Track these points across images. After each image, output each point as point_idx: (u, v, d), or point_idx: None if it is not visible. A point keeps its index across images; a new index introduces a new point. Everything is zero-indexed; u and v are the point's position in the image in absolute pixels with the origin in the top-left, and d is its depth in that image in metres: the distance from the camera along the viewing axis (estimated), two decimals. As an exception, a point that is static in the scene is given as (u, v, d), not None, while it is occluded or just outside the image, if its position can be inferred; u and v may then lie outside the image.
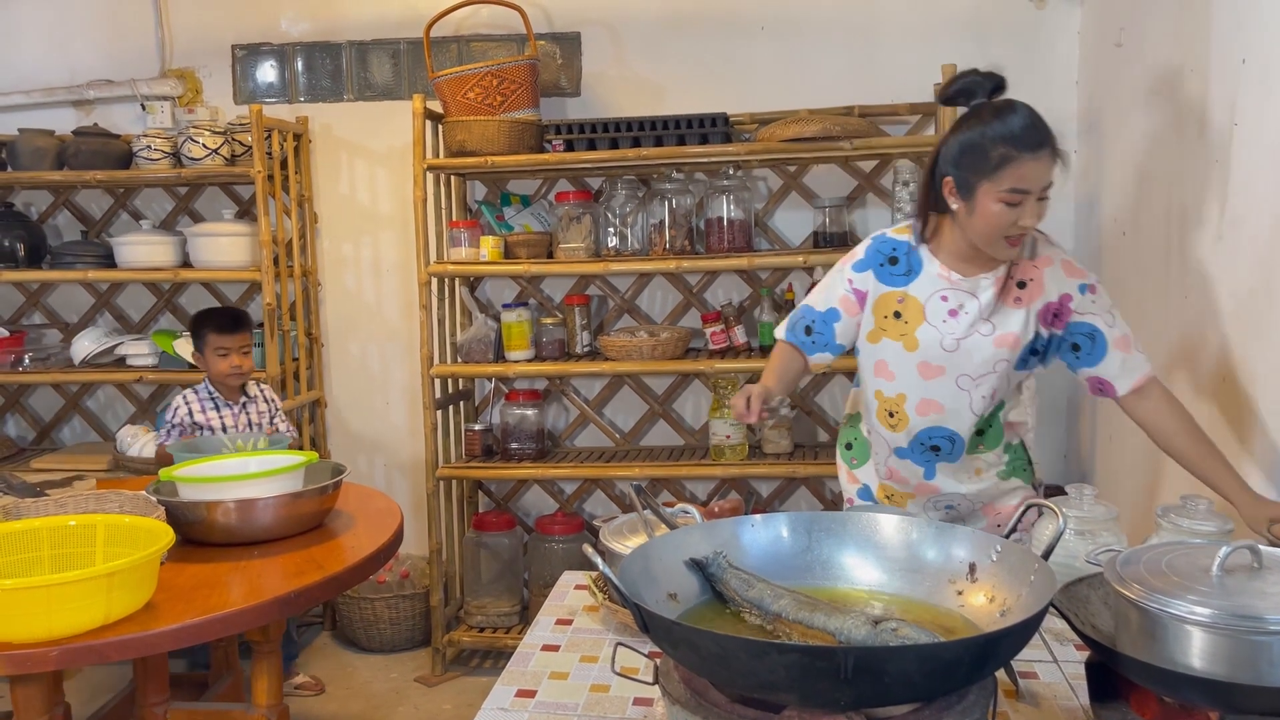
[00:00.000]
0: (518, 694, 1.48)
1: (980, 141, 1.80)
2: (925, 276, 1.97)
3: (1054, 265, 1.96)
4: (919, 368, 1.98)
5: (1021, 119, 1.78)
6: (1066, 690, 1.42)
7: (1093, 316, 1.95)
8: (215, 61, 3.79)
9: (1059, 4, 3.34)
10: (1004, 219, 1.81)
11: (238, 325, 3.10)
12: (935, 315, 1.96)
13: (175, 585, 1.95)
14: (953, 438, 2.02)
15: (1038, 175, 1.78)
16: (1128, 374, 1.95)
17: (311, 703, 3.28)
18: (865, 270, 2.02)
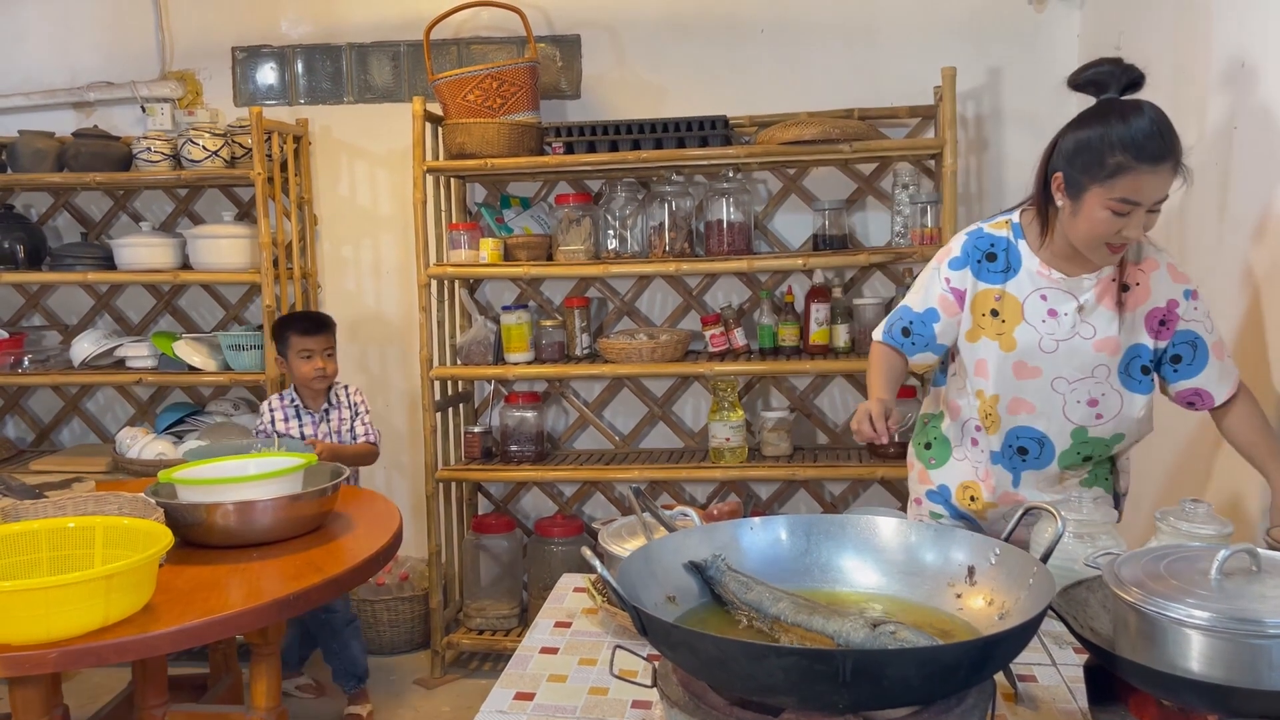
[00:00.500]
0: (516, 696, 1.48)
1: (1099, 143, 1.70)
2: (1025, 274, 1.89)
3: (1160, 269, 1.87)
4: (1014, 368, 1.90)
5: (1147, 126, 1.68)
6: (1065, 693, 1.42)
7: (1195, 324, 1.87)
8: (215, 63, 3.80)
9: (1058, 7, 3.34)
10: (1109, 227, 1.73)
11: (321, 327, 3.10)
12: (1034, 315, 1.88)
13: (174, 587, 1.95)
14: (1042, 440, 1.93)
15: (1153, 188, 1.69)
16: (1224, 382, 1.89)
17: (310, 705, 3.28)
18: (962, 268, 1.93)
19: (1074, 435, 1.93)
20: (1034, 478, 1.97)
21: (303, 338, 3.06)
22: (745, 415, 3.42)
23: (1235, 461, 2.07)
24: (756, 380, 3.61)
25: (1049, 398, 1.90)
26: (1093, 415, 1.91)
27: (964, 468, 2.04)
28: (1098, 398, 1.90)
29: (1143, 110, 1.70)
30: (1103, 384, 1.89)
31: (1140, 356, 1.88)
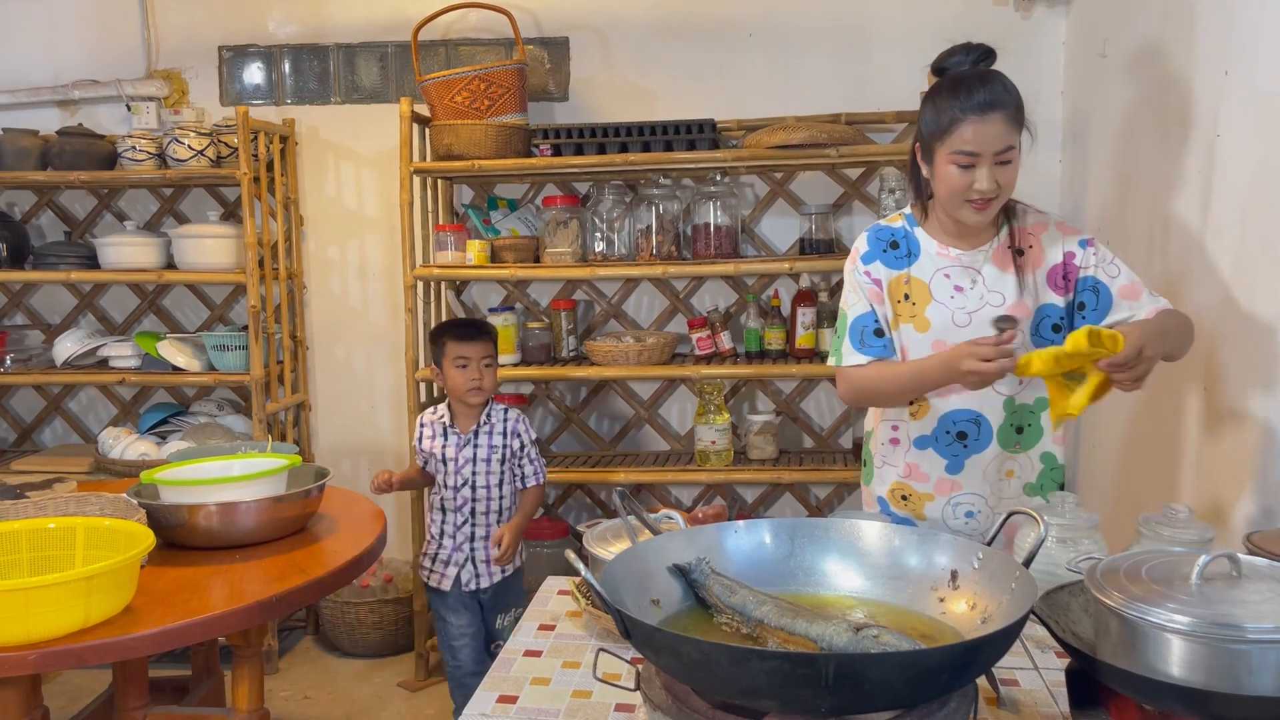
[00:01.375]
0: (499, 700, 1.48)
1: (935, 104, 1.83)
2: (925, 256, 1.95)
3: (1049, 228, 1.94)
4: (933, 347, 1.92)
5: (975, 80, 1.80)
6: (1047, 697, 1.43)
7: (1094, 269, 1.91)
8: (201, 62, 3.78)
9: (1045, 14, 3.36)
10: (960, 181, 1.81)
11: (480, 333, 2.84)
12: (941, 293, 1.93)
13: (155, 589, 1.93)
14: (978, 420, 1.94)
15: (986, 137, 1.78)
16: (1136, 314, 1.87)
17: (294, 707, 3.26)
18: (873, 260, 1.98)
19: (1005, 406, 1.94)
20: (979, 463, 1.96)
21: (459, 344, 2.78)
22: (731, 418, 3.42)
23: (1217, 465, 2.09)
24: (743, 383, 3.61)
25: None
26: (1016, 381, 1.92)
27: (886, 472, 2.05)
28: None
29: (977, 73, 1.84)
30: (1020, 349, 1.83)
31: (1050, 316, 1.92)
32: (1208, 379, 2.15)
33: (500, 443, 2.82)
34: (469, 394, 2.77)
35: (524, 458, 2.85)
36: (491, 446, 2.81)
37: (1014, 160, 1.82)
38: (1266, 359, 1.90)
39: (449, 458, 2.80)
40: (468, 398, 2.78)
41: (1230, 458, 2.04)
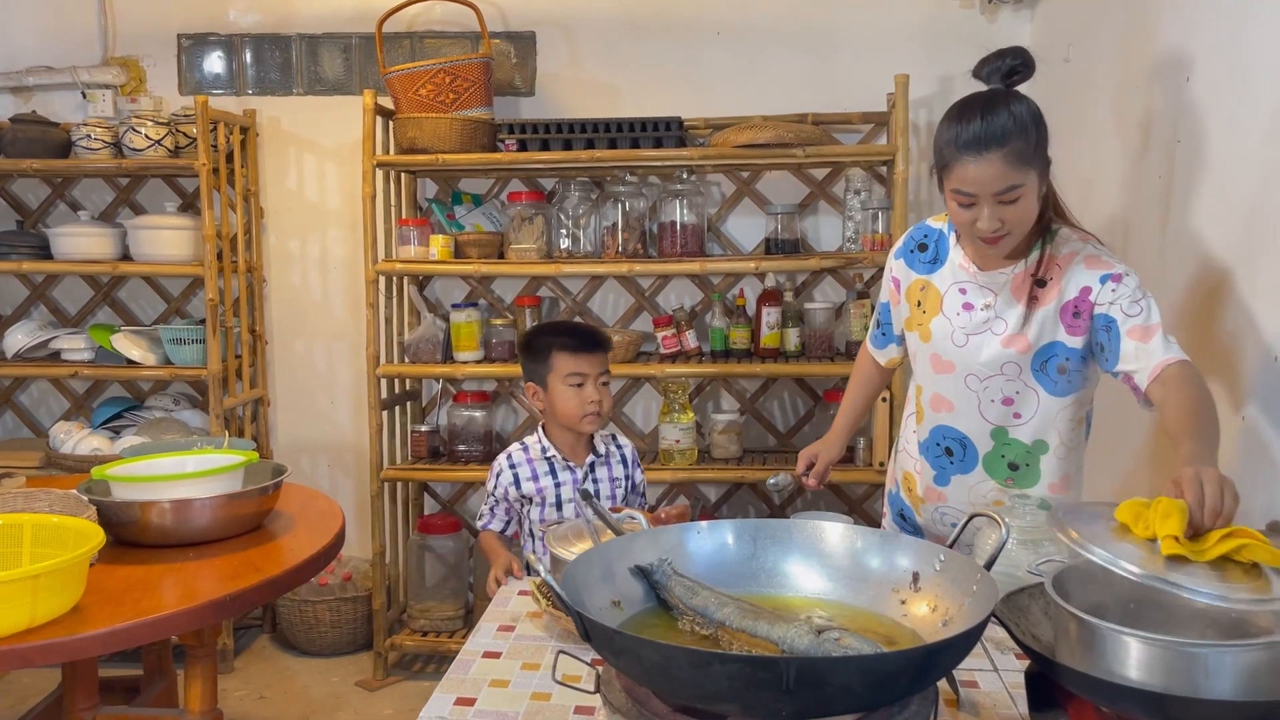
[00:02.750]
0: (457, 702, 1.46)
1: (940, 137, 1.76)
2: (948, 266, 1.90)
3: (1076, 260, 1.79)
4: (931, 359, 1.92)
5: (975, 116, 1.68)
6: (1006, 699, 1.43)
7: (1110, 306, 1.74)
8: (160, 50, 3.71)
9: (1010, 18, 3.38)
10: (962, 218, 1.74)
11: (598, 344, 2.30)
12: (950, 307, 1.89)
13: (105, 588, 1.89)
14: (964, 442, 1.92)
15: (982, 179, 1.67)
16: (1145, 360, 1.69)
17: (249, 707, 3.21)
18: (900, 257, 1.98)
19: (994, 436, 1.90)
20: (963, 483, 1.95)
21: (574, 356, 2.24)
22: (695, 417, 3.42)
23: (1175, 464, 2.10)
24: (707, 382, 3.61)
25: (964, 394, 1.89)
26: (1010, 415, 1.87)
27: (904, 458, 2.09)
28: (1012, 396, 1.86)
29: (981, 104, 1.70)
30: (1015, 382, 1.84)
31: (1057, 355, 1.82)
32: (1166, 382, 2.17)
33: (622, 474, 2.33)
34: (585, 421, 2.24)
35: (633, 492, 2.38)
36: (613, 480, 2.31)
37: (1023, 197, 1.69)
38: (1223, 363, 1.92)
39: (565, 499, 2.27)
40: (582, 425, 2.25)
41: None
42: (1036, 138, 1.71)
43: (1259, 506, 1.75)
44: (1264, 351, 1.77)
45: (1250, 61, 1.86)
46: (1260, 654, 1.09)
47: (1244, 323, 1.85)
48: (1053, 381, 1.84)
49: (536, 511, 2.29)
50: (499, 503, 2.32)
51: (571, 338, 2.29)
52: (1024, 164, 1.68)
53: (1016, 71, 1.76)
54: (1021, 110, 1.70)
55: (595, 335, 2.34)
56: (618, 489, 2.32)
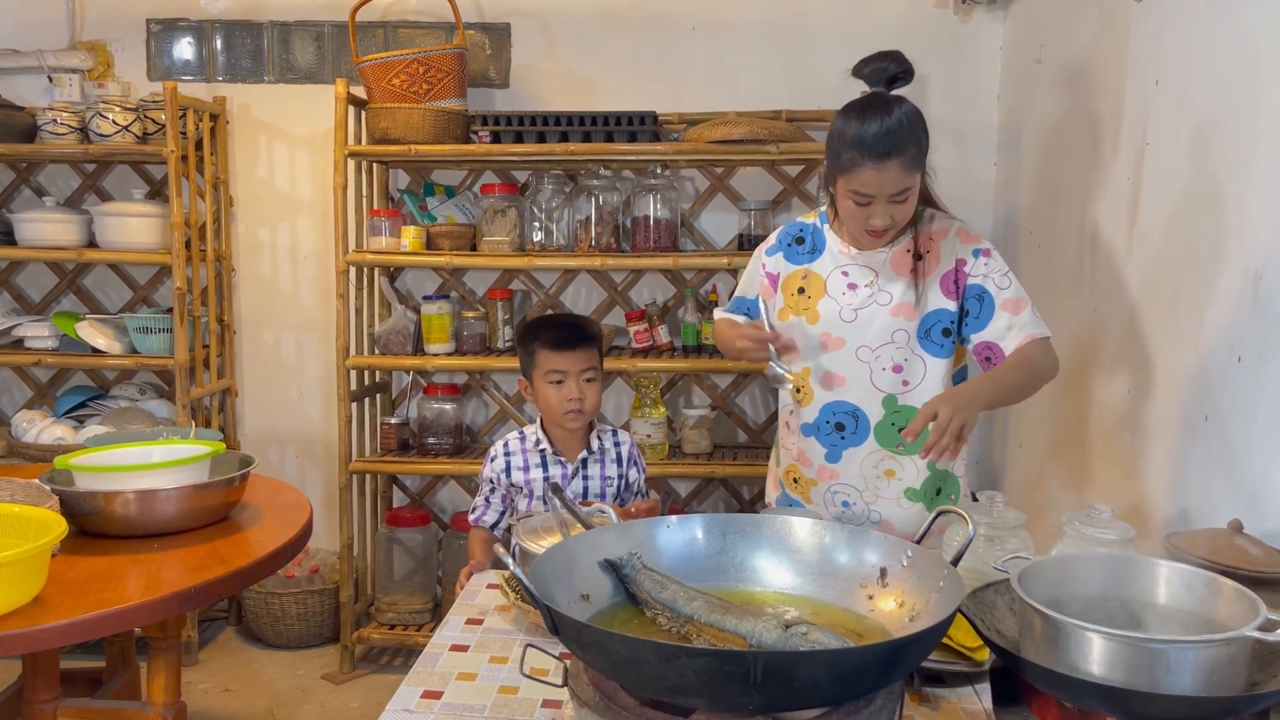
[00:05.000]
0: (423, 695, 1.45)
1: (839, 138, 1.86)
2: (828, 253, 2.05)
3: (949, 235, 2.00)
4: (821, 339, 2.02)
5: (878, 125, 1.81)
6: (971, 694, 1.45)
7: (983, 279, 1.96)
8: (129, 35, 3.65)
9: (984, 19, 3.41)
10: (856, 215, 1.90)
11: (580, 339, 2.25)
12: (835, 289, 2.02)
13: (68, 578, 1.86)
14: (856, 414, 2.02)
15: (882, 184, 1.83)
16: (1016, 334, 1.92)
17: (213, 700, 3.18)
18: (775, 254, 2.11)
19: (885, 404, 2.01)
20: (855, 456, 2.03)
21: (554, 353, 2.21)
22: (667, 412, 3.42)
23: (1139, 467, 2.13)
24: (679, 377, 3.61)
25: (855, 367, 2.00)
26: (899, 382, 1.99)
27: (783, 454, 2.17)
28: (901, 364, 1.98)
29: (879, 108, 1.83)
30: (904, 349, 1.98)
31: (940, 320, 1.98)
32: (1132, 381, 2.20)
33: (615, 473, 2.30)
34: (567, 417, 2.22)
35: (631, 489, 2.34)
36: (605, 478, 2.29)
37: (910, 196, 1.88)
38: (1187, 364, 1.94)
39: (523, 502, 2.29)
40: (566, 421, 2.23)
41: (1152, 460, 2.09)
42: (925, 143, 1.87)
43: (1222, 505, 1.78)
44: (1227, 352, 1.79)
45: (1218, 65, 1.88)
46: (1220, 650, 1.10)
47: (1209, 324, 1.87)
48: (938, 346, 1.98)
49: (524, 503, 2.28)
50: (495, 489, 2.29)
51: (554, 333, 2.25)
52: (915, 168, 1.86)
53: (899, 78, 1.89)
54: (914, 120, 1.85)
55: (580, 331, 2.28)
56: (608, 487, 2.28)
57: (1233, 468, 1.77)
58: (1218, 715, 1.09)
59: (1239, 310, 1.77)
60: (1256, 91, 1.74)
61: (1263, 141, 1.72)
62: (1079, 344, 2.50)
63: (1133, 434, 2.18)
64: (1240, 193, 1.78)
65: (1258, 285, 1.71)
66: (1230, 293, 1.80)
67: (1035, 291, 2.87)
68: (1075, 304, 2.55)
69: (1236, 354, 1.77)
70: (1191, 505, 1.91)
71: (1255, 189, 1.74)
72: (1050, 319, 2.72)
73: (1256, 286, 1.71)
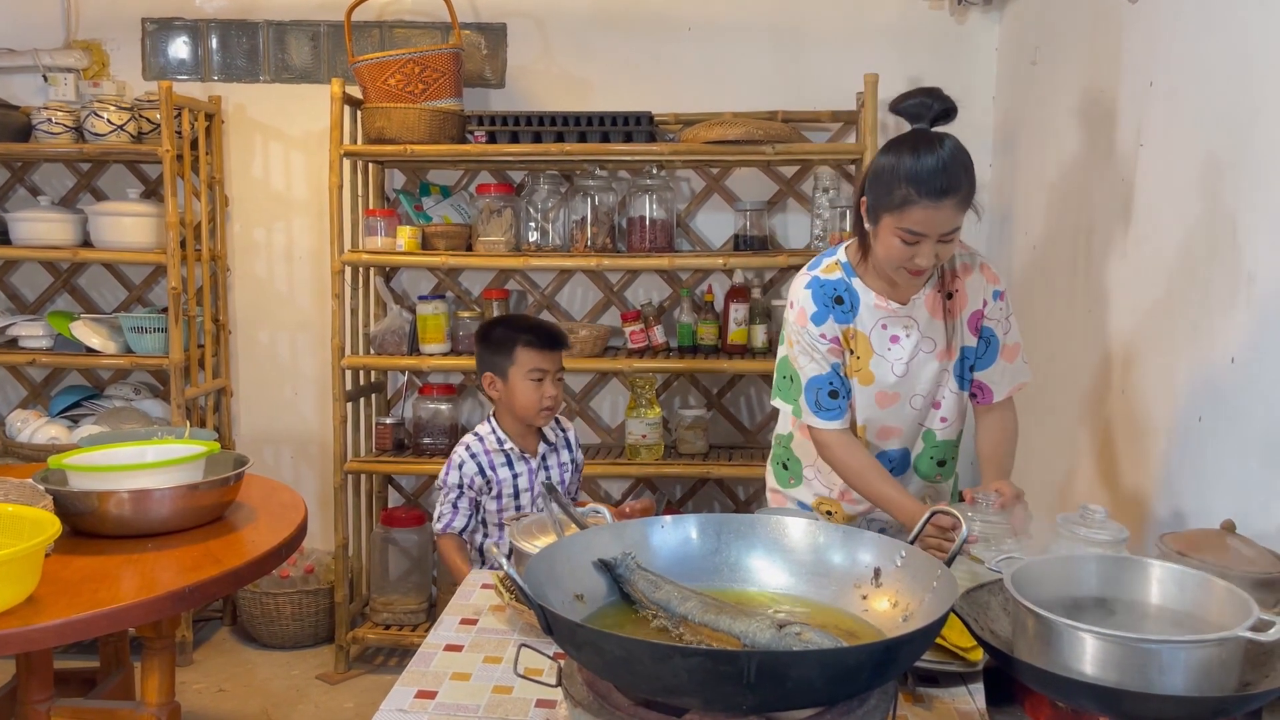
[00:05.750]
0: (417, 695, 1.45)
1: (890, 174, 1.79)
2: (864, 308, 1.98)
3: (974, 272, 1.99)
4: (876, 398, 2.00)
5: (934, 162, 1.75)
6: (965, 694, 1.45)
7: (994, 322, 2.01)
8: (124, 34, 3.65)
9: (979, 19, 3.41)
10: (901, 253, 1.82)
11: (559, 342, 2.39)
12: (880, 345, 1.98)
13: (61, 578, 1.86)
14: (904, 455, 2.06)
15: (936, 223, 1.78)
16: (1006, 382, 2.03)
17: (208, 700, 3.18)
18: (826, 319, 1.97)
19: (925, 439, 2.06)
20: None
21: (539, 354, 2.32)
22: (662, 412, 3.42)
23: (1133, 467, 2.14)
24: (674, 378, 3.61)
25: (909, 415, 2.02)
26: (938, 419, 2.04)
27: (817, 485, 2.12)
28: (940, 401, 2.03)
29: (936, 145, 1.77)
30: (943, 388, 2.02)
31: (968, 357, 2.02)
32: (1125, 382, 2.20)
33: (568, 458, 2.45)
34: (541, 414, 2.32)
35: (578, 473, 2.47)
36: (562, 465, 2.43)
37: (956, 235, 1.83)
38: (1181, 365, 1.95)
39: (523, 489, 2.36)
40: (538, 418, 2.33)
41: (1145, 460, 2.09)
42: (975, 181, 1.82)
43: (1215, 506, 1.78)
44: (1221, 353, 1.80)
45: (1212, 66, 1.89)
46: (1213, 650, 1.11)
47: (1202, 325, 1.88)
48: (960, 379, 2.03)
49: (494, 503, 2.36)
50: (461, 495, 2.35)
51: (536, 335, 2.36)
52: (966, 207, 1.81)
53: (942, 116, 1.83)
54: (966, 157, 1.81)
55: (558, 333, 2.42)
56: (566, 473, 2.43)
57: (1225, 468, 1.78)
58: (1210, 715, 1.10)
59: (1232, 312, 1.77)
60: (1251, 92, 1.74)
61: (1257, 143, 1.72)
62: (1073, 345, 2.51)
63: (1126, 434, 2.19)
64: (1234, 194, 1.79)
65: (1251, 287, 1.71)
66: (1224, 294, 1.80)
67: (1031, 293, 2.89)
68: (1070, 305, 2.55)
69: (1230, 355, 1.77)
70: (1184, 506, 1.91)
71: (1249, 191, 1.74)
72: (1045, 319, 2.74)
73: (1250, 288, 1.71)
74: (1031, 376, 2.09)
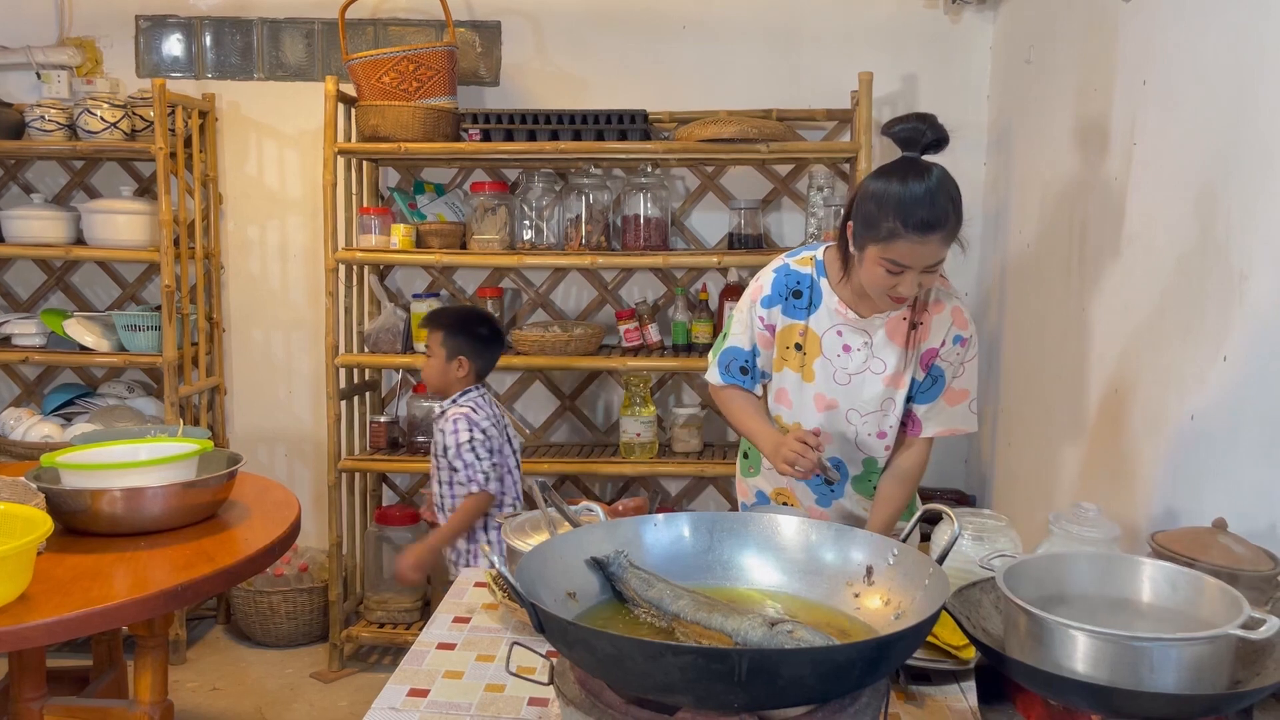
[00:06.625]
0: (410, 693, 1.45)
1: (878, 203, 1.77)
2: (824, 310, 1.99)
3: (944, 312, 1.97)
4: (815, 399, 2.02)
5: (922, 196, 1.73)
6: (957, 692, 1.45)
7: (946, 364, 1.99)
8: (117, 31, 3.64)
9: (973, 18, 3.41)
10: (884, 281, 1.82)
11: None
12: (830, 349, 1.99)
13: (54, 576, 1.86)
14: (840, 467, 2.08)
15: (921, 256, 1.77)
16: (934, 423, 2.01)
17: (201, 699, 3.17)
18: (772, 306, 2.01)
19: (865, 464, 2.08)
20: (840, 506, 2.12)
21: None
22: (657, 411, 3.42)
23: (1125, 466, 2.14)
24: (669, 376, 3.61)
25: (844, 428, 2.04)
26: (881, 446, 2.05)
27: (775, 475, 2.13)
28: (885, 430, 2.04)
29: (925, 177, 1.75)
30: (889, 416, 2.02)
31: (912, 389, 2.01)
32: (1118, 380, 2.20)
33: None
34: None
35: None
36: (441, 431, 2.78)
37: (939, 266, 1.83)
38: (1174, 363, 1.95)
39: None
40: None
41: (1137, 459, 2.10)
42: (962, 215, 1.80)
43: (1207, 504, 1.78)
44: (1213, 352, 1.80)
45: (1206, 65, 1.89)
46: (1203, 648, 1.11)
47: (1195, 323, 1.88)
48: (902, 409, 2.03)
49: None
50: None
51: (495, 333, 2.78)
52: (952, 240, 1.80)
53: (933, 146, 1.81)
54: (955, 191, 1.79)
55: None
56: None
57: (1217, 467, 1.78)
58: (1201, 713, 1.10)
59: (1225, 310, 1.77)
60: (1244, 91, 1.75)
61: (1250, 142, 1.72)
62: (1066, 343, 2.51)
63: (1119, 433, 2.19)
64: (1227, 193, 1.79)
65: (1243, 286, 1.71)
66: (1216, 293, 1.80)
67: (1025, 292, 2.89)
68: (1063, 303, 2.56)
69: (1222, 354, 1.77)
70: (1176, 504, 1.92)
71: (1242, 189, 1.74)
72: (1039, 318, 2.74)
73: (1242, 287, 1.72)
74: (976, 428, 2.07)
